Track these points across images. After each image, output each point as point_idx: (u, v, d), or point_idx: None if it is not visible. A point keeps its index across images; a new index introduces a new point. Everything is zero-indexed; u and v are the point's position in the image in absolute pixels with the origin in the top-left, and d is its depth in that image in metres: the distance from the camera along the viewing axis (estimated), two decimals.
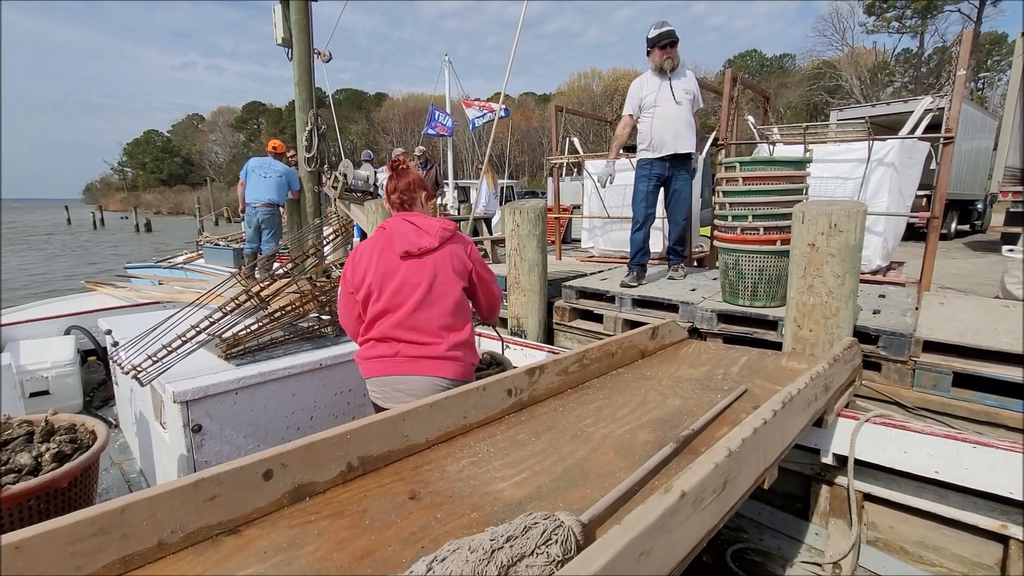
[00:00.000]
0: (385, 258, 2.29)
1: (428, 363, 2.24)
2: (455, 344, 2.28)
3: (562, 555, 1.11)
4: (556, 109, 7.23)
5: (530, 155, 49.19)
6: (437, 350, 2.24)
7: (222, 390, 2.55)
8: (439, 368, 2.24)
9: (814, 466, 2.58)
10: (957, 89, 4.04)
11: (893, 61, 39.81)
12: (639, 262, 4.58)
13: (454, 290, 2.31)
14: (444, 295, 2.29)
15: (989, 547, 2.21)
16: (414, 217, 2.37)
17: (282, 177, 7.33)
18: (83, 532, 1.15)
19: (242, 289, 2.95)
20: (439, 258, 2.30)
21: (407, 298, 2.25)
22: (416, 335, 2.25)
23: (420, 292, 2.25)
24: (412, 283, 2.26)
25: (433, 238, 2.30)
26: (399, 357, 2.25)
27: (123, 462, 3.61)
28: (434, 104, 15.14)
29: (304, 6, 5.99)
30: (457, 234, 2.43)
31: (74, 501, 2.06)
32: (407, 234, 2.30)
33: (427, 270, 2.27)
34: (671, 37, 4.31)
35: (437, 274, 2.29)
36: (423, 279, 2.26)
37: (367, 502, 1.49)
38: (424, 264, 2.28)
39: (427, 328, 2.25)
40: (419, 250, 2.27)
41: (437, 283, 2.28)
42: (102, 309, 5.05)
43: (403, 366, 2.24)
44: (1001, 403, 2.65)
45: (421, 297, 2.25)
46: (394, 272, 2.27)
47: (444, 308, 2.28)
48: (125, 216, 57.84)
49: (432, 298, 2.26)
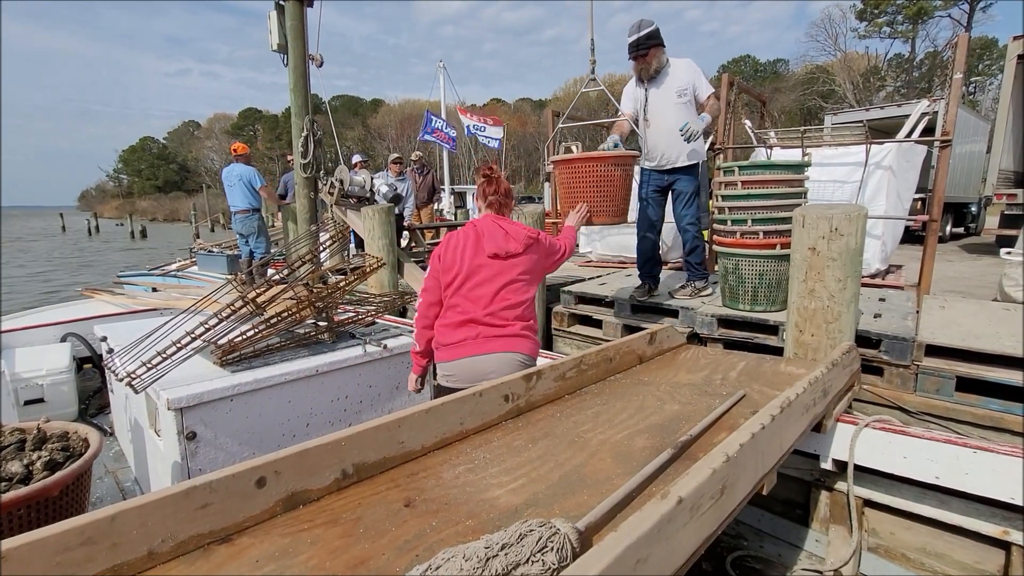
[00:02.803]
0: (475, 253, 2.57)
1: (506, 341, 2.50)
2: (526, 327, 2.57)
3: (558, 563, 1.09)
4: (552, 114, 7.24)
5: (526, 160, 49.26)
6: (512, 329, 2.52)
7: (217, 397, 2.53)
8: (516, 344, 2.51)
9: (813, 472, 2.56)
10: (954, 92, 4.05)
11: (885, 66, 40.10)
12: (648, 272, 4.31)
13: (529, 292, 2.62)
14: (519, 293, 2.58)
15: (991, 553, 2.19)
16: (503, 221, 2.64)
17: (241, 180, 7.31)
18: (72, 541, 1.13)
19: (238, 295, 2.93)
20: (520, 263, 2.59)
21: (487, 293, 2.53)
22: (493, 319, 2.51)
23: (499, 289, 2.53)
24: (495, 281, 2.54)
25: (519, 244, 2.59)
26: (480, 339, 2.50)
27: (118, 470, 3.58)
28: (429, 110, 15.17)
29: (299, 12, 5.99)
30: (539, 241, 2.70)
31: (66, 510, 2.04)
32: (496, 237, 2.57)
33: (509, 273, 2.56)
34: (635, 50, 4.00)
35: (516, 278, 2.58)
36: (504, 280, 2.55)
37: (361, 510, 1.47)
38: (507, 267, 2.56)
39: (503, 315, 2.53)
40: (506, 254, 2.56)
41: (515, 285, 2.57)
42: (98, 316, 5.02)
43: (485, 345, 2.49)
44: (1006, 407, 2.64)
45: (498, 292, 2.53)
46: (480, 268, 2.55)
47: (518, 303, 2.56)
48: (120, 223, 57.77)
49: (507, 295, 2.54)
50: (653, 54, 4.01)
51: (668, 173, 4.21)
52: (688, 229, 4.18)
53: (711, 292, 4.09)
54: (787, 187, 3.51)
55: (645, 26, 3.98)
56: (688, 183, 4.15)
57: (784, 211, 3.39)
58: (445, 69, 16.39)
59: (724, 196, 3.68)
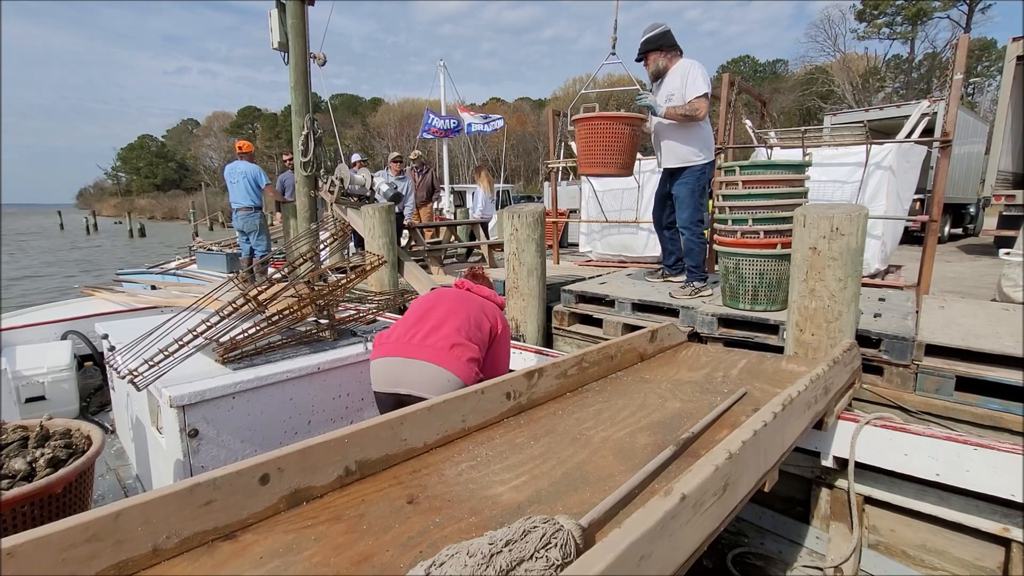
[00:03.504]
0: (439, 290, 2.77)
1: (435, 353, 2.36)
2: (463, 352, 2.41)
3: (561, 559, 1.10)
4: (553, 113, 7.24)
5: (525, 160, 49.21)
6: (443, 344, 2.39)
7: (219, 395, 2.53)
8: (445, 360, 2.35)
9: (814, 469, 2.57)
10: (954, 93, 4.05)
11: (884, 67, 40.10)
12: (665, 263, 4.72)
13: (472, 345, 2.45)
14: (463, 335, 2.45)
15: (991, 550, 2.20)
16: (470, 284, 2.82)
17: (245, 178, 7.31)
18: (77, 538, 1.13)
19: (239, 293, 2.93)
20: (476, 304, 2.63)
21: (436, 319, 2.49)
22: (430, 338, 2.42)
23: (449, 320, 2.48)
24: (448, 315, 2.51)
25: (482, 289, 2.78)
26: (412, 343, 2.41)
27: (119, 468, 3.58)
28: (429, 108, 15.17)
29: (300, 10, 5.99)
30: (496, 304, 2.80)
31: (69, 507, 2.04)
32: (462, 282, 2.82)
33: (463, 310, 2.54)
34: (641, 49, 4.18)
35: (467, 322, 2.50)
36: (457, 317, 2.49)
37: (365, 507, 1.47)
38: (464, 301, 2.61)
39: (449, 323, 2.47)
40: (468, 287, 2.75)
41: (464, 327, 2.48)
42: (99, 314, 5.01)
43: (412, 350, 2.39)
44: (1005, 407, 2.65)
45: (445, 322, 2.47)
46: (437, 304, 2.59)
47: (461, 342, 2.42)
48: (119, 221, 57.55)
49: (454, 332, 2.44)
50: (652, 59, 4.14)
51: (668, 175, 4.41)
52: (683, 232, 4.29)
53: (711, 292, 4.12)
54: (788, 187, 3.51)
55: (647, 31, 4.15)
56: (680, 187, 4.25)
57: (785, 211, 3.40)
58: (445, 68, 16.36)
59: (725, 196, 3.68)
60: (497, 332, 2.65)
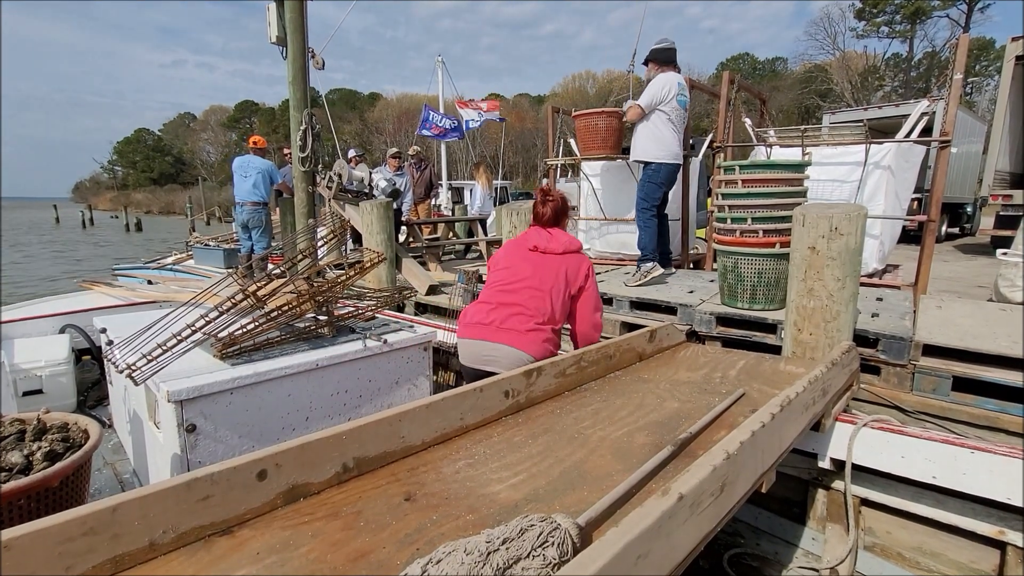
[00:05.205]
0: (517, 250, 2.88)
1: (515, 336, 2.63)
2: (538, 335, 2.65)
3: (558, 558, 1.10)
4: (552, 110, 7.22)
5: (524, 156, 49.18)
6: (522, 328, 2.64)
7: (217, 390, 2.53)
8: (523, 343, 2.61)
9: (811, 470, 2.58)
10: (954, 93, 4.05)
11: (883, 66, 40.14)
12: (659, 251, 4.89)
13: (555, 303, 2.72)
14: (543, 300, 2.70)
15: (987, 553, 2.20)
16: (550, 229, 2.89)
17: (260, 173, 7.30)
18: (73, 531, 1.13)
19: (238, 288, 2.92)
20: (556, 265, 2.77)
21: (518, 296, 2.72)
22: (513, 306, 2.68)
23: (527, 296, 2.70)
24: (528, 280, 2.73)
25: (559, 246, 2.80)
26: (492, 327, 2.68)
27: (116, 462, 3.58)
28: (427, 104, 15.10)
29: (299, 5, 5.95)
30: (579, 254, 2.87)
31: (65, 501, 2.04)
32: (540, 237, 2.84)
33: (542, 273, 2.74)
34: (645, 57, 4.76)
35: (554, 274, 2.74)
36: (539, 272, 2.74)
37: (362, 503, 1.47)
38: (543, 264, 2.77)
39: (527, 304, 2.68)
40: (545, 249, 2.80)
41: (541, 291, 2.71)
42: (97, 308, 5.00)
43: (495, 335, 2.67)
44: (1001, 407, 2.65)
45: (529, 280, 2.73)
46: (519, 264, 2.79)
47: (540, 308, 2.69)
48: (115, 215, 57.37)
49: (538, 286, 2.72)
50: (649, 67, 4.78)
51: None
52: (636, 218, 4.81)
53: (660, 273, 4.54)
54: (787, 186, 3.51)
55: (655, 44, 4.70)
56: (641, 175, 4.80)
57: (784, 210, 3.40)
58: (444, 64, 16.32)
59: (724, 194, 3.68)
60: (581, 287, 2.83)
